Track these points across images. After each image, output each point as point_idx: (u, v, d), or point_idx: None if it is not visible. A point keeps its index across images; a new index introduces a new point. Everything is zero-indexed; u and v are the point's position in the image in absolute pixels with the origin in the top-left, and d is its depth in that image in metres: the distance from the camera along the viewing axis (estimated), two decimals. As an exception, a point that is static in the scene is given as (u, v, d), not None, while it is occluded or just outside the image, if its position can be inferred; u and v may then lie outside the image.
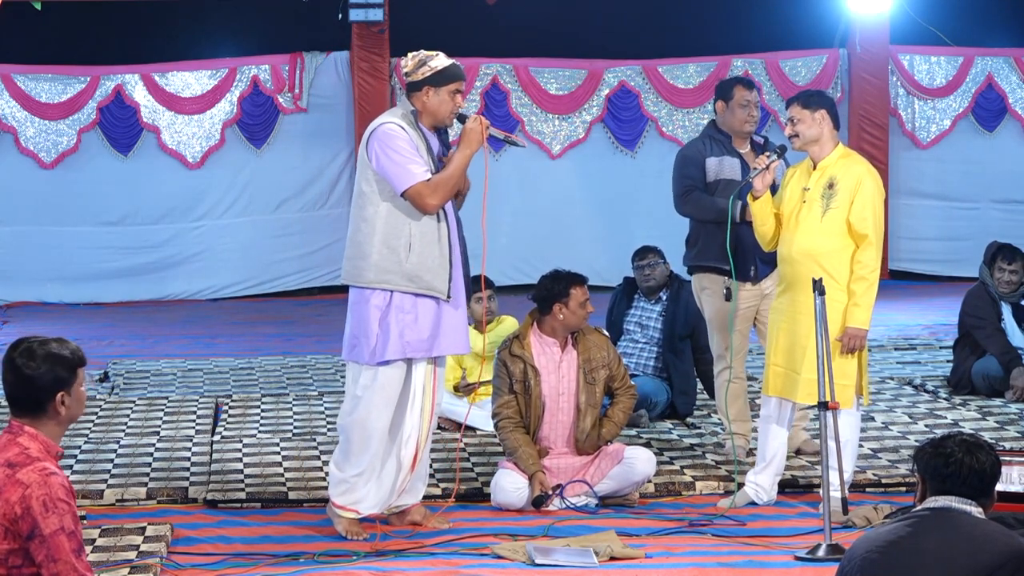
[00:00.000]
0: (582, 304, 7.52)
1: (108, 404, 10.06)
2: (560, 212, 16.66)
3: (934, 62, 17.03)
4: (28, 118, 15.99)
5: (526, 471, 7.38)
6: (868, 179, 7.25)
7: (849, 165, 7.29)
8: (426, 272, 6.83)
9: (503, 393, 7.52)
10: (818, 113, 7.28)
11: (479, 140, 6.93)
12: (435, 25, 16.28)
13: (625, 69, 16.68)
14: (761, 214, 7.38)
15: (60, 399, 4.54)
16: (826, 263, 7.18)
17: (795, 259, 7.23)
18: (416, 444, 6.95)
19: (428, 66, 6.95)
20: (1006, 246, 10.25)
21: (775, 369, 7.32)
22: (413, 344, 6.84)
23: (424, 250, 6.84)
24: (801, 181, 7.34)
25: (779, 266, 7.40)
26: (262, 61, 16.22)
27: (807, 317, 7.10)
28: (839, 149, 7.35)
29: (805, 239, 7.22)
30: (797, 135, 7.33)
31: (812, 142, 7.30)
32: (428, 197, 6.81)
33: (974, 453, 4.25)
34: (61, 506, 4.39)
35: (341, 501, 6.91)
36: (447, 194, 6.87)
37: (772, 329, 7.40)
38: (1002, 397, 9.84)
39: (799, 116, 7.31)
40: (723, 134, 8.26)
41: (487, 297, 8.91)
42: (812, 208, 7.24)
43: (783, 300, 7.33)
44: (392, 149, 6.82)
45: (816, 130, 7.28)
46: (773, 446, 7.38)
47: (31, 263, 16.00)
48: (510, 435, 7.47)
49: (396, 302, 6.83)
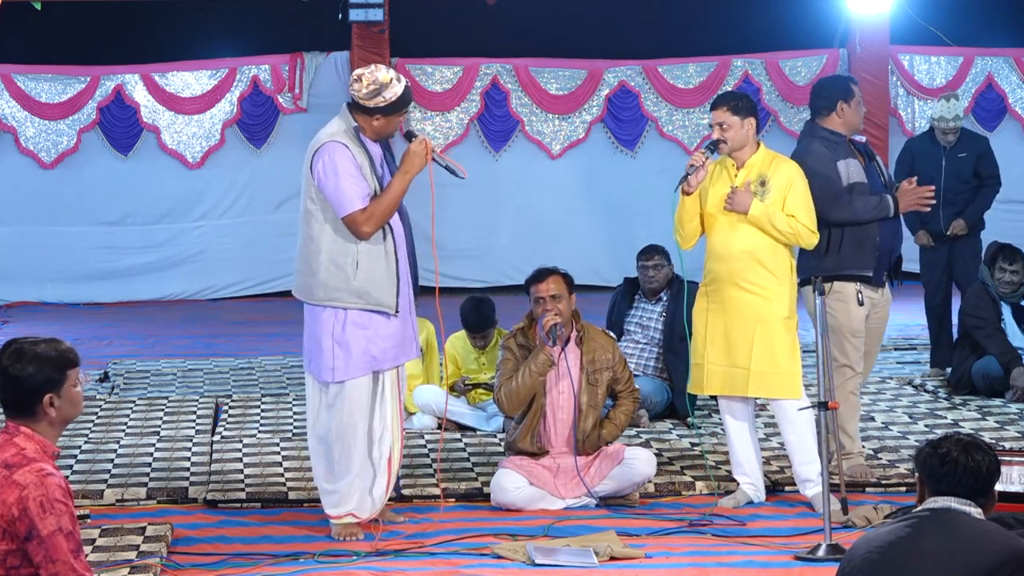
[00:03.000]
0: (536, 301, 7.53)
1: (108, 404, 10.06)
2: (560, 212, 16.66)
3: (934, 62, 17.03)
4: (28, 118, 16.00)
5: (538, 362, 7.37)
6: (799, 175, 7.37)
7: (778, 163, 7.40)
8: (374, 288, 6.85)
9: (508, 372, 7.50)
10: (747, 121, 7.34)
11: (420, 165, 6.89)
12: (435, 25, 16.31)
13: (625, 69, 16.68)
14: (692, 211, 7.41)
15: (48, 401, 4.51)
16: (765, 259, 7.29)
17: (733, 256, 7.30)
18: (390, 445, 6.98)
19: (382, 97, 6.86)
20: (1006, 246, 10.25)
21: (713, 368, 7.37)
22: (380, 357, 6.89)
23: (371, 266, 6.85)
24: (725, 181, 7.39)
25: (711, 264, 7.41)
26: (262, 61, 16.23)
27: (746, 312, 7.25)
28: (762, 148, 7.45)
29: (744, 237, 7.29)
30: (726, 141, 7.35)
31: (739, 147, 7.36)
32: (363, 225, 6.81)
33: (970, 453, 4.25)
34: (58, 507, 4.38)
35: (335, 512, 6.93)
36: (382, 220, 6.87)
37: (701, 327, 7.41)
38: (1002, 397, 9.84)
39: (729, 122, 7.34)
40: (837, 136, 7.76)
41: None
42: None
43: (713, 299, 7.36)
44: (333, 172, 6.82)
45: (744, 136, 7.35)
46: (743, 445, 7.45)
47: (31, 263, 16.00)
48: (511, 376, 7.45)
49: (353, 318, 6.85)
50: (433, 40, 16.41)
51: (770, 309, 7.27)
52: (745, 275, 7.28)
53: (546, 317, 7.41)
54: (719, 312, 7.36)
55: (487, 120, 16.59)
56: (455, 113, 16.53)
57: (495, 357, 8.33)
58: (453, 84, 16.47)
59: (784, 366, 7.29)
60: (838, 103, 7.78)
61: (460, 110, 16.53)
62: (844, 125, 7.80)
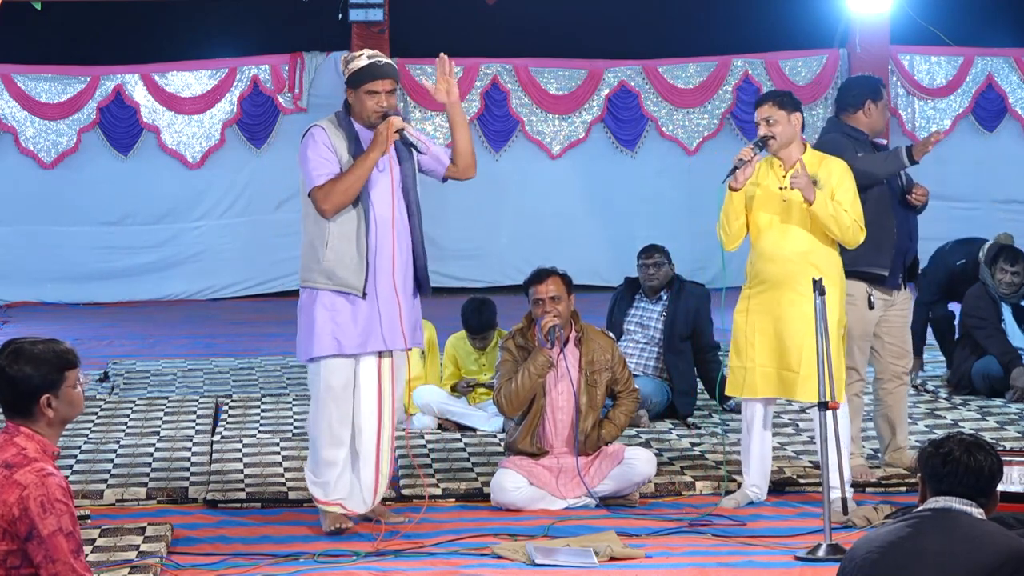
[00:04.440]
0: (535, 302, 7.52)
1: (108, 404, 10.06)
2: (560, 212, 16.67)
3: (934, 62, 17.03)
4: (28, 118, 16.01)
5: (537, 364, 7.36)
6: (847, 173, 7.27)
7: (826, 161, 7.30)
8: (341, 269, 6.90)
9: (507, 373, 7.50)
10: (794, 116, 7.25)
11: (381, 144, 6.86)
12: (435, 25, 16.30)
13: (625, 69, 16.68)
14: (739, 208, 7.30)
15: (45, 401, 4.50)
16: (818, 261, 7.18)
17: (787, 258, 7.18)
18: (376, 440, 6.98)
19: (348, 67, 6.97)
20: (1007, 247, 10.24)
21: (762, 370, 7.26)
22: (344, 342, 6.91)
23: (341, 247, 6.91)
24: (773, 183, 7.28)
25: (761, 265, 7.28)
26: (262, 61, 16.23)
27: (798, 316, 7.11)
28: (809, 149, 7.35)
29: (798, 238, 7.20)
30: (774, 136, 7.25)
31: (787, 144, 7.27)
32: (321, 202, 6.89)
33: (972, 453, 4.24)
34: (59, 507, 4.38)
35: (323, 499, 7.00)
36: (341, 199, 6.88)
37: (748, 330, 7.30)
38: (1002, 397, 9.84)
39: (776, 117, 7.23)
40: (860, 134, 7.69)
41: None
42: (798, 206, 7.21)
43: (764, 300, 7.24)
44: (304, 152, 6.96)
45: (792, 131, 7.25)
46: (759, 447, 7.39)
47: (31, 263, 16.01)
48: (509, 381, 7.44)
49: (322, 300, 6.95)
50: (433, 40, 16.34)
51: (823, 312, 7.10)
52: (798, 277, 7.12)
53: (545, 319, 7.41)
54: (768, 314, 7.22)
55: (487, 120, 16.59)
56: (455, 113, 16.51)
57: (495, 358, 8.33)
58: (453, 84, 16.46)
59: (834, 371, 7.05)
60: (866, 101, 7.75)
61: (460, 110, 16.52)
62: (869, 125, 7.76)
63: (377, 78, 6.93)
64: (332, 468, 6.95)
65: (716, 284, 15.72)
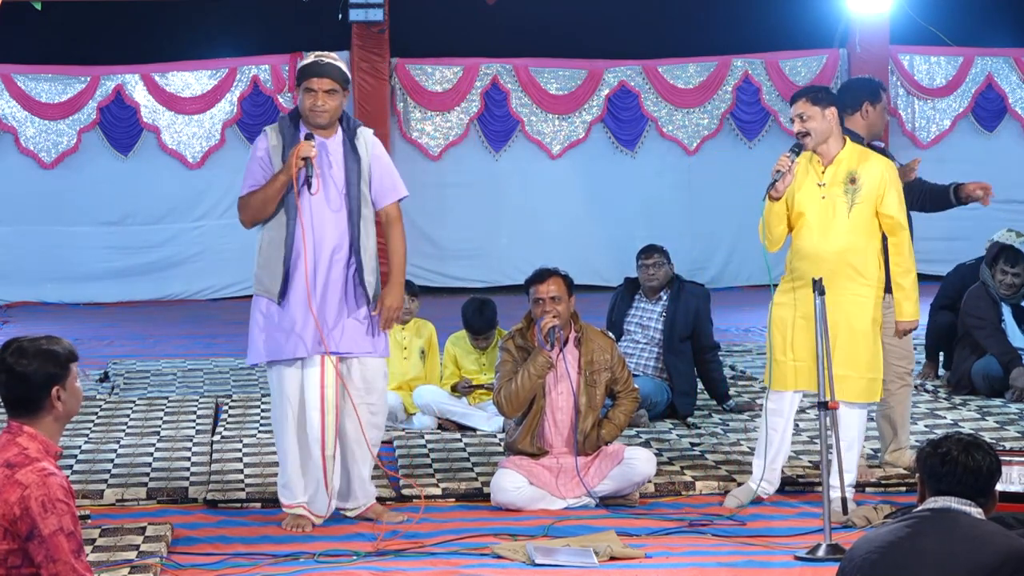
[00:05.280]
0: (535, 302, 7.52)
1: (108, 404, 10.06)
2: (560, 212, 16.67)
3: (934, 62, 17.04)
4: (28, 118, 16.01)
5: (536, 364, 7.37)
6: (893, 172, 7.24)
7: (868, 158, 7.22)
8: (265, 274, 6.98)
9: (507, 374, 7.49)
10: (828, 111, 7.16)
11: (288, 168, 6.86)
12: (435, 25, 16.31)
13: (625, 69, 16.68)
14: (780, 214, 7.22)
15: (56, 393, 4.55)
16: (856, 260, 7.13)
17: (825, 257, 7.11)
18: (321, 446, 6.99)
19: (298, 67, 7.06)
20: (1008, 248, 10.24)
21: (799, 364, 7.19)
22: (271, 347, 6.97)
23: (268, 252, 6.96)
24: (813, 179, 7.21)
25: (798, 263, 7.22)
26: (262, 61, 16.23)
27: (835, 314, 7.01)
28: (849, 143, 7.26)
29: (837, 237, 7.13)
30: (809, 133, 7.15)
31: (823, 140, 7.20)
32: (239, 213, 7.06)
33: (971, 452, 4.25)
34: (60, 506, 4.38)
35: (284, 501, 7.09)
36: (254, 213, 6.97)
37: (781, 325, 7.25)
38: (1002, 397, 9.84)
39: (809, 113, 7.14)
40: (857, 137, 7.57)
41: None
42: (836, 205, 7.15)
43: (802, 296, 7.12)
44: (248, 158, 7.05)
45: (827, 126, 7.17)
46: (780, 444, 7.36)
47: (31, 263, 16.01)
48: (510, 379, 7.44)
49: (258, 305, 7.03)
50: (433, 40, 16.42)
51: (857, 312, 7.09)
52: (837, 277, 7.07)
53: (544, 319, 7.41)
54: (805, 311, 7.13)
55: (487, 120, 16.60)
56: (455, 113, 16.54)
57: (495, 358, 8.33)
58: (453, 84, 16.48)
59: (865, 371, 7.13)
60: (864, 103, 7.72)
61: (460, 110, 16.54)
62: (866, 127, 7.72)
63: (314, 76, 6.93)
64: (286, 467, 7.04)
65: (716, 284, 15.82)
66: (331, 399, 6.98)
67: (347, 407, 7.05)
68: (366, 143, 7.07)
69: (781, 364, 7.27)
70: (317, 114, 6.95)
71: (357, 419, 7.02)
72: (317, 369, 6.97)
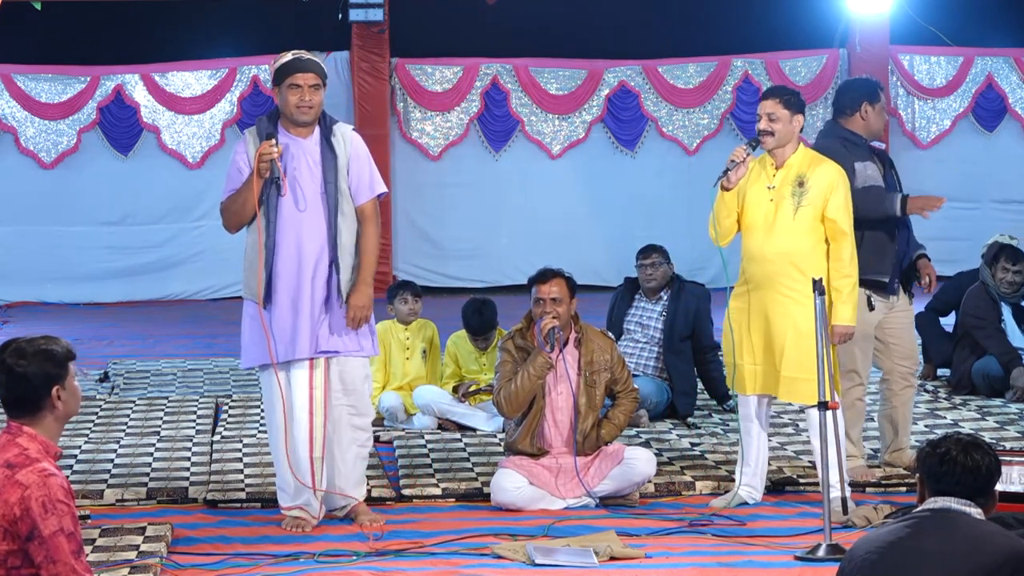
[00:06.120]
0: (536, 301, 7.52)
1: (108, 404, 10.06)
2: (560, 212, 16.67)
3: (934, 62, 17.04)
4: (28, 118, 16.01)
5: (536, 365, 7.36)
6: (841, 178, 7.23)
7: (819, 163, 7.24)
8: (251, 278, 6.99)
9: (507, 375, 7.49)
10: (796, 117, 7.22)
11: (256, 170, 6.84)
12: (435, 25, 16.32)
13: (625, 69, 16.69)
14: (731, 206, 7.28)
15: (56, 393, 4.55)
16: (801, 262, 7.15)
17: (768, 259, 7.18)
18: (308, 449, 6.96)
19: (273, 66, 7.04)
20: (1008, 247, 10.25)
21: (752, 368, 7.28)
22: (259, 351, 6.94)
23: (251, 256, 6.99)
24: (763, 181, 7.26)
25: (746, 265, 7.30)
26: (262, 61, 16.22)
27: (782, 316, 7.14)
28: (802, 148, 7.30)
29: (780, 239, 7.18)
30: (773, 133, 7.21)
31: (783, 144, 7.23)
32: (221, 217, 7.09)
33: (970, 452, 4.24)
34: (60, 507, 4.38)
35: (282, 503, 7.09)
36: (232, 218, 7.01)
37: (737, 328, 7.31)
38: (1002, 397, 9.84)
39: (779, 114, 7.19)
40: (858, 138, 7.65)
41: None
42: (782, 207, 7.19)
43: (753, 299, 7.24)
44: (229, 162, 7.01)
45: (790, 132, 7.22)
46: (757, 446, 7.39)
47: (31, 263, 16.02)
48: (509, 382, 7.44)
49: (246, 309, 7.03)
50: (433, 40, 16.42)
51: (804, 314, 7.09)
52: (780, 279, 7.14)
53: (544, 320, 7.40)
54: (756, 313, 7.23)
55: (487, 120, 16.60)
56: (455, 113, 16.54)
57: (496, 358, 8.33)
58: (453, 84, 16.48)
59: (815, 372, 7.09)
60: (863, 104, 7.70)
61: (460, 110, 16.54)
62: (866, 128, 7.71)
63: (299, 71, 6.93)
64: (287, 475, 7.01)
65: (716, 284, 15.76)
66: (319, 400, 6.97)
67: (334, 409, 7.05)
68: (344, 139, 7.02)
69: (730, 367, 7.36)
70: (303, 110, 6.92)
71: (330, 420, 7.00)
72: (305, 371, 6.96)
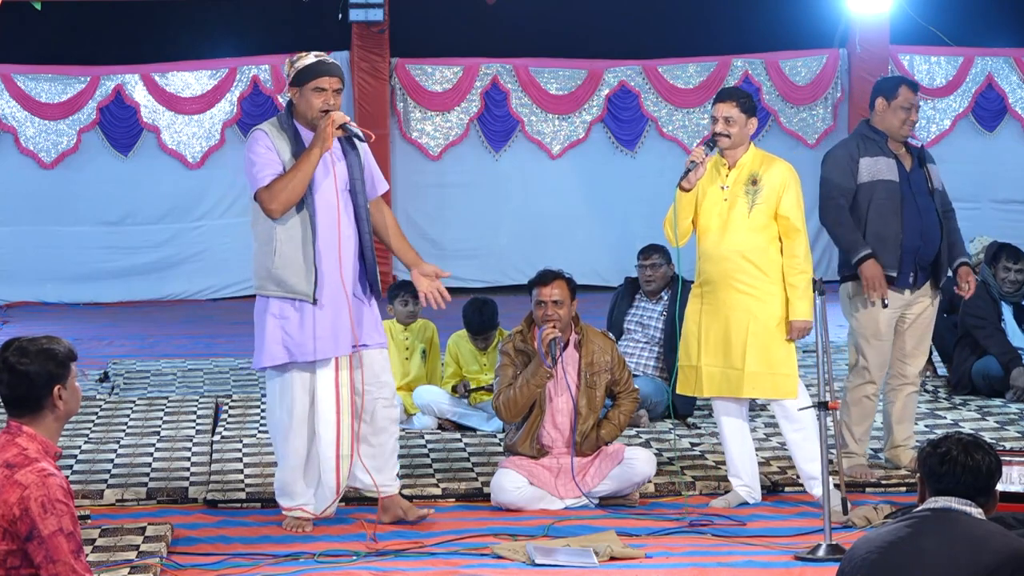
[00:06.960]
0: (537, 304, 7.51)
1: (108, 404, 10.06)
2: (560, 212, 16.67)
3: (934, 62, 17.04)
4: (28, 118, 16.01)
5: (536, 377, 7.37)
6: (792, 176, 7.32)
7: (770, 163, 7.34)
8: (291, 275, 6.84)
9: (506, 379, 7.50)
10: (751, 121, 7.31)
11: (323, 139, 6.78)
12: (435, 25, 16.31)
13: (625, 69, 16.69)
14: (688, 208, 7.35)
15: (58, 392, 4.55)
16: (756, 259, 7.24)
17: (724, 256, 7.26)
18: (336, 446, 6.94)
19: (293, 67, 6.92)
20: (1008, 246, 10.26)
21: (708, 369, 7.33)
22: (294, 350, 6.87)
23: (289, 252, 6.84)
24: (715, 180, 7.33)
25: (703, 265, 7.37)
26: (262, 61, 16.23)
27: (740, 313, 7.22)
28: (752, 148, 7.39)
29: (736, 237, 7.25)
30: (728, 136, 7.28)
31: (736, 146, 7.31)
32: (268, 203, 6.81)
33: (970, 452, 4.24)
34: (59, 507, 4.39)
35: (283, 504, 7.05)
36: (289, 198, 6.80)
37: (694, 329, 7.37)
38: (1002, 397, 9.84)
39: (736, 118, 7.27)
40: (879, 133, 7.75)
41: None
42: (736, 205, 7.26)
43: (710, 299, 7.31)
44: (249, 155, 6.90)
45: (744, 135, 7.31)
46: (738, 446, 7.41)
47: (31, 263, 16.01)
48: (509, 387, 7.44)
49: (272, 308, 6.89)
50: (433, 40, 16.42)
51: (764, 309, 7.22)
52: (737, 275, 7.24)
53: (545, 330, 7.39)
54: (713, 313, 7.32)
55: (487, 120, 16.60)
56: (455, 113, 16.54)
57: (496, 358, 8.33)
58: (453, 84, 16.48)
59: (779, 366, 7.26)
60: (878, 99, 7.78)
61: (460, 110, 16.54)
62: (882, 124, 7.77)
63: (324, 75, 6.89)
64: (287, 469, 7.00)
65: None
66: (346, 399, 6.97)
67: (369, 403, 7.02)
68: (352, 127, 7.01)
69: (684, 369, 7.42)
70: (325, 112, 6.90)
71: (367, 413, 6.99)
72: (331, 371, 6.93)
